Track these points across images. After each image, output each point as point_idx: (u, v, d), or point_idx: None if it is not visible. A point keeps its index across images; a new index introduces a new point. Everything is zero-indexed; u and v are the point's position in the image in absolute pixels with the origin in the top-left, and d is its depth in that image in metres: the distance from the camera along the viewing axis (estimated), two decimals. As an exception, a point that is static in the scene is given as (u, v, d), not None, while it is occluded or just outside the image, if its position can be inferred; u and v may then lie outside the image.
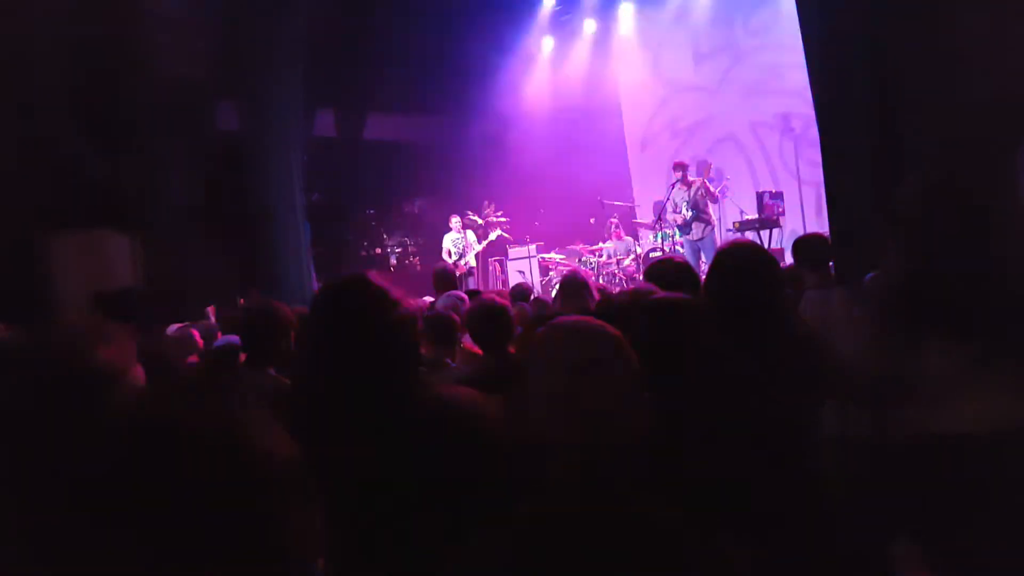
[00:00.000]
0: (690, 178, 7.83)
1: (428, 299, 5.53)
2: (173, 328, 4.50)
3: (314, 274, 8.45)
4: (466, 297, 4.23)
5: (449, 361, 3.16)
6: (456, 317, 3.46)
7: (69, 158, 6.63)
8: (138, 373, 1.15)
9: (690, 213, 7.72)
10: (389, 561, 1.12)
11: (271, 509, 0.63)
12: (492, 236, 9.22)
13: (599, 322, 1.26)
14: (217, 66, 8.07)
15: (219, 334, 4.24)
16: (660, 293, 1.75)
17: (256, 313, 2.61)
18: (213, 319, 5.56)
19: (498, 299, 2.78)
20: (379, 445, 1.17)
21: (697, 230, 7.76)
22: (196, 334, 4.14)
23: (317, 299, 1.33)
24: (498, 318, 2.57)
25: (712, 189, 7.69)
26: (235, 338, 3.36)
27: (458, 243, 9.02)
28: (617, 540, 0.98)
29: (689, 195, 7.72)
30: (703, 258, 7.58)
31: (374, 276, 1.30)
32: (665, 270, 2.64)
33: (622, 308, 1.89)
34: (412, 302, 1.34)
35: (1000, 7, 3.65)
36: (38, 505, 0.86)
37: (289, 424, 0.68)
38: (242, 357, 3.17)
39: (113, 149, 6.89)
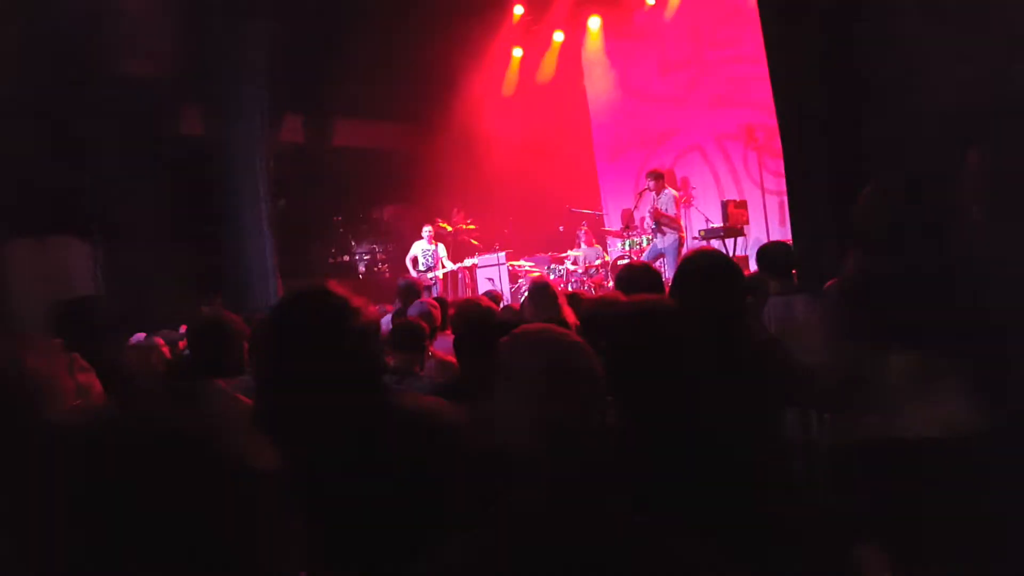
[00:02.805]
0: (662, 186, 7.99)
1: (390, 307, 5.48)
2: (137, 337, 4.40)
3: (279, 282, 8.33)
4: (437, 304, 4.21)
5: (417, 369, 3.14)
6: (425, 325, 3.44)
7: (27, 162, 6.43)
8: (76, 384, 1.12)
9: (653, 224, 7.91)
10: (357, 572, 1.10)
11: (251, 520, 0.61)
12: (467, 262, 9.17)
13: (562, 329, 1.27)
14: (181, 69, 7.93)
15: (183, 343, 4.15)
16: (633, 298, 1.75)
17: (204, 324, 2.54)
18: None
19: (485, 301, 2.76)
20: (342, 455, 1.15)
21: (660, 240, 7.95)
22: (161, 343, 4.05)
23: (276, 309, 1.31)
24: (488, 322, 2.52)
25: (663, 212, 7.81)
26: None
27: (427, 255, 8.96)
28: (584, 545, 0.98)
29: (653, 206, 7.90)
30: (664, 265, 7.72)
31: (334, 285, 1.29)
32: (632, 274, 2.67)
33: (591, 314, 1.89)
34: (373, 310, 1.32)
35: (960, 17, 3.77)
36: None
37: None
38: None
39: (73, 153, 6.70)
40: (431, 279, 8.75)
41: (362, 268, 11.62)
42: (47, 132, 6.59)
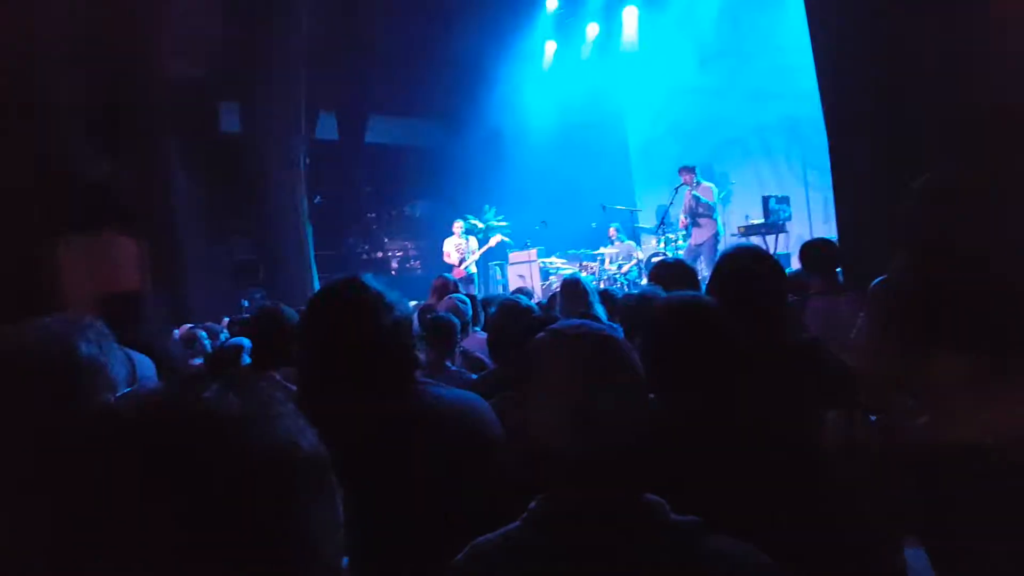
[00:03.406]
0: (697, 181, 7.83)
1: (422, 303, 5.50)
2: (181, 329, 4.52)
3: (317, 277, 8.45)
4: (468, 300, 4.21)
5: (449, 364, 3.14)
6: (456, 320, 3.44)
7: (75, 160, 6.64)
8: (131, 371, 1.14)
9: (689, 219, 7.74)
10: (389, 562, 1.10)
11: (297, 504, 0.60)
12: (492, 242, 9.19)
13: (601, 326, 1.24)
14: (219, 68, 8.09)
15: (225, 335, 4.24)
16: (673, 294, 1.71)
17: (264, 315, 2.60)
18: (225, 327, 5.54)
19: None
20: (376, 448, 1.15)
21: (697, 235, 7.77)
22: (203, 335, 4.14)
23: (312, 303, 1.31)
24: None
25: (700, 200, 7.64)
26: (243, 339, 3.36)
27: (461, 248, 8.99)
28: (621, 542, 0.97)
29: (688, 201, 7.74)
30: (702, 263, 7.58)
31: (369, 279, 1.28)
32: (668, 271, 2.62)
33: (629, 310, 1.86)
34: (408, 305, 1.32)
35: (1008, 10, 3.62)
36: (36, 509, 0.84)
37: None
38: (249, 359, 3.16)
39: (117, 151, 6.90)
40: (465, 271, 8.77)
41: (395, 264, 11.73)
42: (95, 130, 6.80)
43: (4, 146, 6.34)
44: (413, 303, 4.63)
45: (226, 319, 5.90)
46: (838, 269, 3.66)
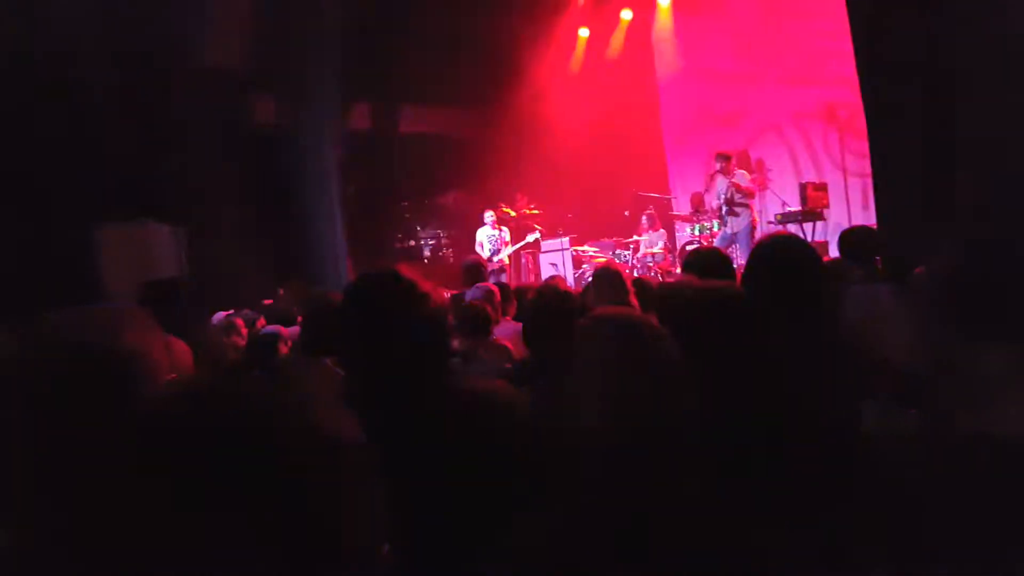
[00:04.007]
0: (734, 169, 7.69)
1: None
2: (218, 316, 4.61)
3: (350, 265, 8.55)
4: (496, 289, 4.21)
5: (482, 353, 3.16)
6: (489, 308, 3.46)
7: (114, 150, 6.81)
8: (174, 359, 1.16)
9: (724, 207, 7.61)
10: (427, 549, 1.11)
11: (339, 492, 0.63)
12: (529, 238, 9.16)
13: (641, 315, 1.24)
14: (254, 59, 8.20)
15: (262, 322, 4.32)
16: (707, 283, 1.70)
17: (312, 303, 2.65)
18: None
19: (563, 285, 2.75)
20: (411, 436, 1.17)
21: (732, 223, 7.63)
22: (240, 323, 4.22)
23: (348, 293, 1.33)
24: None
25: (742, 185, 7.49)
26: (278, 327, 3.43)
27: (493, 239, 8.98)
28: (654, 529, 0.97)
29: (725, 188, 7.59)
30: (738, 251, 7.45)
31: (404, 269, 1.30)
32: (702, 260, 2.59)
33: (664, 299, 1.84)
34: (442, 294, 1.33)
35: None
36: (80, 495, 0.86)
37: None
38: (283, 348, 3.22)
39: (155, 141, 7.06)
40: (497, 262, 8.77)
41: (427, 253, 11.80)
42: (134, 122, 6.96)
43: (42, 135, 6.53)
44: (448, 294, 4.65)
45: (261, 305, 6.02)
46: (878, 258, 3.58)
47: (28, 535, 0.87)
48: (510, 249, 8.98)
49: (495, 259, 8.79)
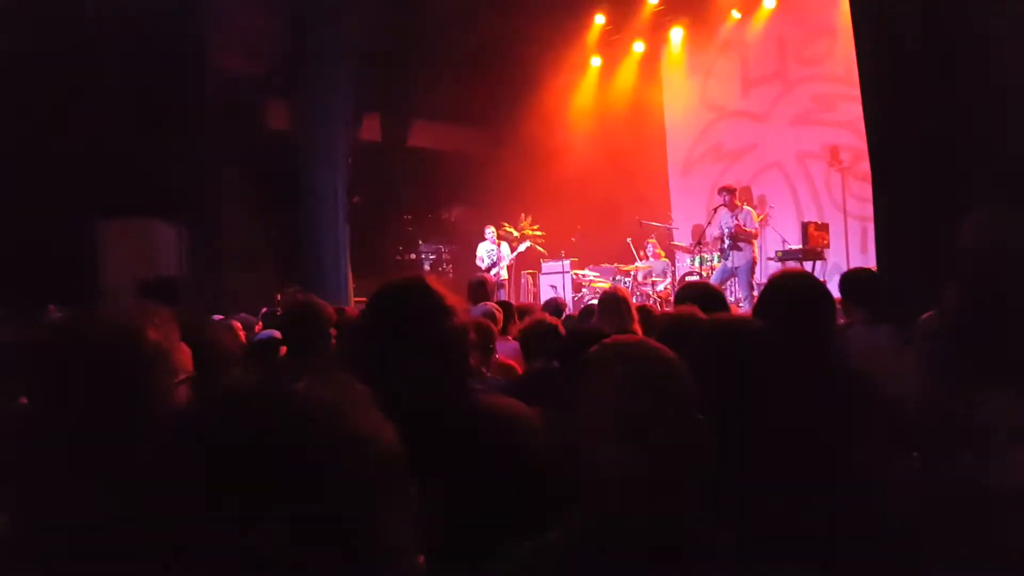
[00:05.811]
0: (736, 203, 7.74)
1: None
2: (215, 319, 4.59)
3: (350, 274, 8.56)
4: (498, 309, 4.22)
5: (485, 370, 3.16)
6: (493, 327, 3.47)
7: (122, 148, 6.83)
8: (184, 357, 1.15)
9: (727, 241, 7.66)
10: (447, 559, 1.12)
11: (377, 496, 0.62)
12: (521, 247, 9.22)
13: (654, 342, 1.26)
14: (269, 66, 8.27)
15: (259, 327, 4.31)
16: (724, 316, 1.72)
17: (299, 306, 2.66)
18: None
19: (548, 319, 2.82)
20: (431, 448, 1.18)
21: (735, 257, 7.67)
22: (237, 326, 4.21)
23: (377, 297, 1.34)
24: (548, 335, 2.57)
25: (745, 228, 7.52)
26: (276, 332, 3.41)
27: (491, 253, 9.04)
28: (661, 557, 0.98)
29: (730, 223, 7.65)
30: (736, 286, 7.50)
31: (432, 280, 1.31)
32: (694, 292, 2.62)
33: (675, 329, 1.87)
34: (467, 308, 1.35)
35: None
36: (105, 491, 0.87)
37: None
38: (283, 350, 3.22)
39: (165, 141, 7.08)
40: (495, 276, 8.80)
41: (427, 267, 11.80)
42: (140, 120, 6.99)
43: (54, 130, 6.54)
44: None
45: (264, 309, 6.00)
46: (878, 300, 3.62)
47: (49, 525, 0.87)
48: (506, 262, 9.03)
49: (492, 272, 8.82)
